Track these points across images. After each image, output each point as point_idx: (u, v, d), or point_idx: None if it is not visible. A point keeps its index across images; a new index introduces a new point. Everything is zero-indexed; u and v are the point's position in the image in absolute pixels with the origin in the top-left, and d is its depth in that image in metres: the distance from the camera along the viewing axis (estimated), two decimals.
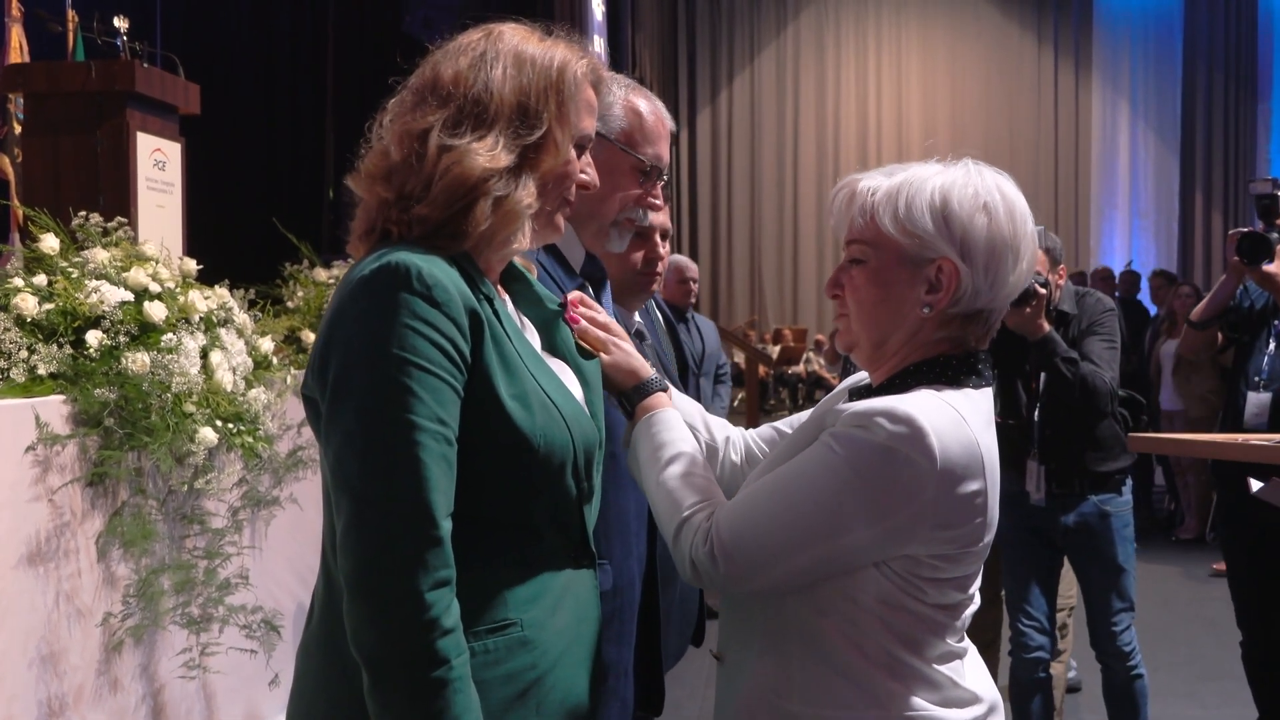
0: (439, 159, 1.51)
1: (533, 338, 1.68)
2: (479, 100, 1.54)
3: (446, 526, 1.41)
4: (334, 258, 5.27)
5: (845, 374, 6.67)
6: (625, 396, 1.83)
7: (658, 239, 2.46)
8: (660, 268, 2.49)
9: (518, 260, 1.75)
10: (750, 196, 21.08)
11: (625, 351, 1.83)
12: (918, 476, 1.53)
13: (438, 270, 1.46)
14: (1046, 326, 3.73)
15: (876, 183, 1.67)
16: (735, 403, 13.70)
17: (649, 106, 2.23)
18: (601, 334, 1.81)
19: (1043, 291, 3.64)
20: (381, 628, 1.39)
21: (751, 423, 9.99)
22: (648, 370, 1.85)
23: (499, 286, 1.66)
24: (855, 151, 21.18)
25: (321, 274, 4.81)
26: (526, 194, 1.54)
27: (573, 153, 1.62)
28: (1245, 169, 19.25)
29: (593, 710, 1.65)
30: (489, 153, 1.51)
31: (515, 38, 1.60)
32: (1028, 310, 3.63)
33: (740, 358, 14.36)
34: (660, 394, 1.83)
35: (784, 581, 1.61)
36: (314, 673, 1.56)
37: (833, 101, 21.08)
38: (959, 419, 1.58)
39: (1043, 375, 3.84)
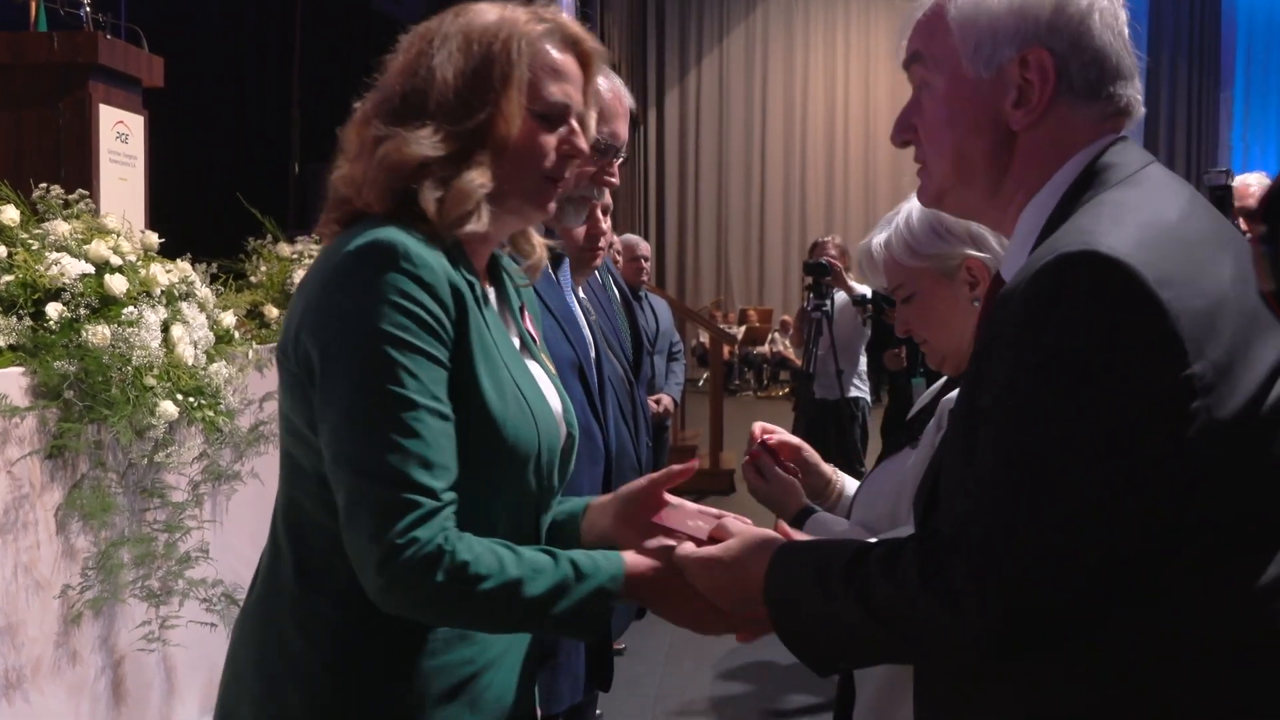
0: (375, 147, 1.50)
1: (511, 333, 1.65)
2: (419, 89, 1.51)
3: (451, 496, 1.42)
4: (298, 233, 5.23)
5: (808, 358, 6.62)
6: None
7: (599, 214, 2.47)
8: (603, 243, 2.51)
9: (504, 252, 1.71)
10: (717, 177, 21.08)
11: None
12: None
13: (424, 250, 1.45)
14: None
15: (880, 236, 1.90)
16: (700, 383, 13.73)
17: (606, 84, 2.24)
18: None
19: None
20: (404, 594, 1.40)
21: (715, 403, 9.92)
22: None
23: (485, 278, 1.62)
24: (823, 133, 21.23)
25: (285, 249, 4.79)
26: (478, 174, 1.50)
27: (536, 125, 1.54)
28: (1208, 157, 19.43)
29: (529, 712, 1.65)
30: (428, 140, 1.48)
31: (469, 14, 1.56)
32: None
33: (705, 338, 14.40)
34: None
35: None
36: (250, 643, 1.56)
37: (801, 83, 21.11)
38: None
39: None
